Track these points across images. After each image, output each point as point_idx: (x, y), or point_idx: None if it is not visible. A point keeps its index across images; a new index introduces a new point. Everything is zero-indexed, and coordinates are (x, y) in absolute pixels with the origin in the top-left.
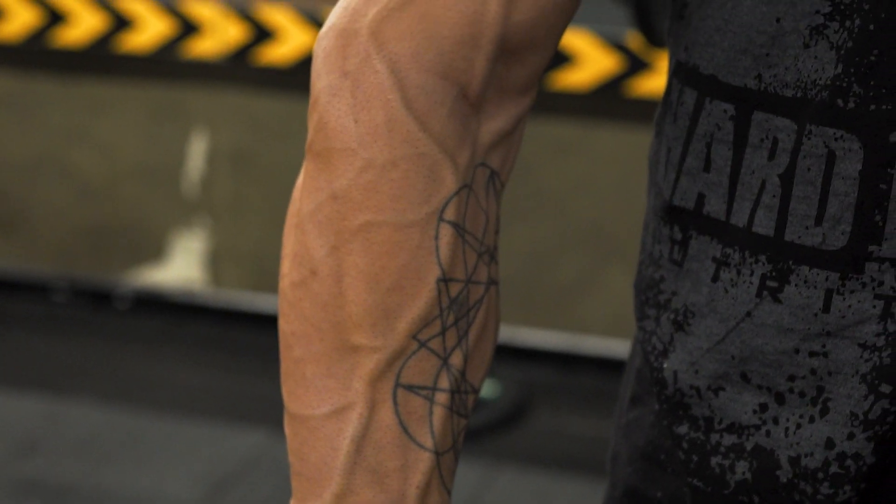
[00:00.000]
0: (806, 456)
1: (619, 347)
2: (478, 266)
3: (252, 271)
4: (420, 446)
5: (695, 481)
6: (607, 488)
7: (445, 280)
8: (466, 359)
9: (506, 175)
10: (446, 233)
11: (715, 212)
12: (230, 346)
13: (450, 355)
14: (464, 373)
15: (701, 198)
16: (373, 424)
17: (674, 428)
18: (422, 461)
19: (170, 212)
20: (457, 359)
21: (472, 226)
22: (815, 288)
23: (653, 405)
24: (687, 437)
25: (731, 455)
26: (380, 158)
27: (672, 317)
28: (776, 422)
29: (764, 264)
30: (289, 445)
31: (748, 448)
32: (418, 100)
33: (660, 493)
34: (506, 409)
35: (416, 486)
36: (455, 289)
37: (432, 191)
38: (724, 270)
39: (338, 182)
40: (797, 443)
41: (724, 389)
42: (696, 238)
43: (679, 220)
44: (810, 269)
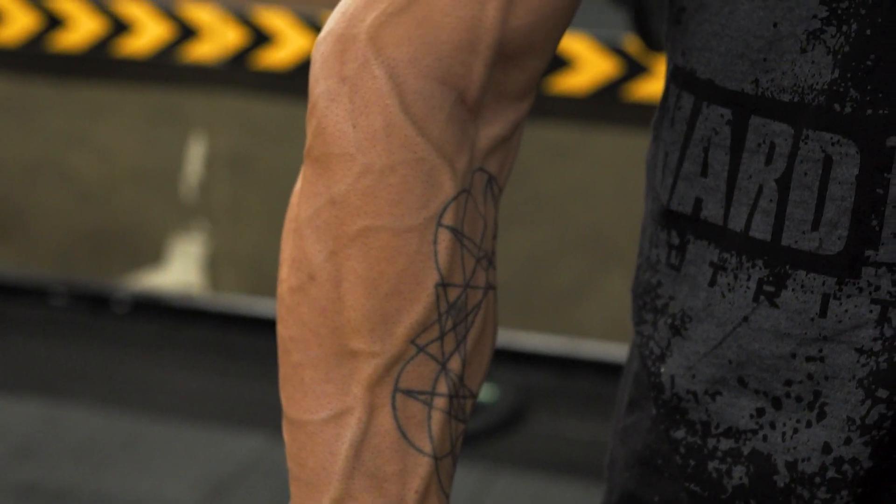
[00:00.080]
0: (803, 461)
1: (617, 351)
2: (476, 271)
3: (250, 275)
4: (419, 451)
5: (692, 486)
6: (605, 493)
7: (444, 285)
8: (465, 363)
9: (504, 180)
10: (445, 238)
11: (712, 216)
12: (228, 350)
13: (448, 360)
14: (462, 377)
15: (698, 202)
16: (371, 429)
17: (671, 432)
18: (420, 466)
19: (168, 216)
20: (455, 363)
21: (471, 231)
22: (812, 293)
23: (650, 410)
24: (684, 442)
25: (729, 460)
26: (378, 163)
27: (669, 321)
28: (773, 426)
29: (761, 269)
30: (287, 450)
31: (745, 453)
32: (416, 105)
33: (657, 498)
34: (504, 413)
35: (415, 491)
36: (453, 294)
37: (431, 196)
38: (721, 275)
39: (336, 187)
40: (794, 447)
41: (721, 394)
42: (693, 242)
43: (676, 225)
44: (807, 274)
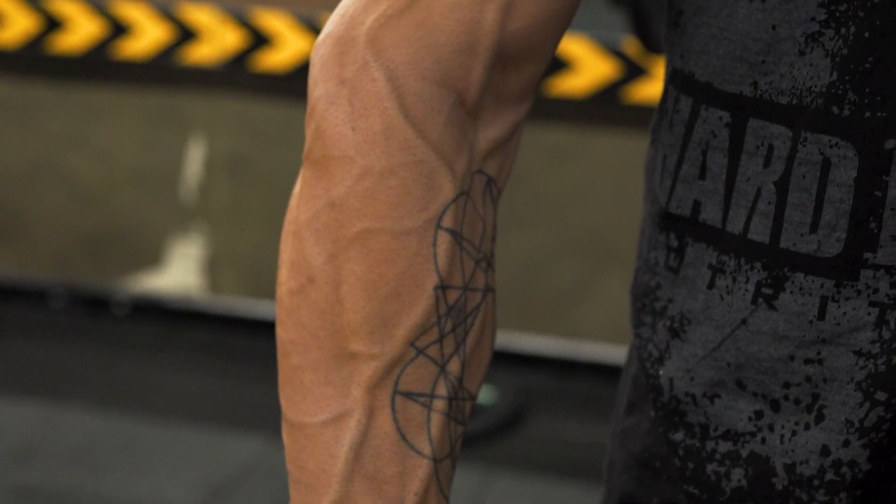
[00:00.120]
0: (801, 463)
1: (616, 354)
2: (475, 273)
3: (250, 277)
4: (418, 453)
5: (690, 488)
6: (603, 495)
7: (443, 287)
8: (464, 366)
9: (503, 182)
10: (444, 240)
11: (711, 219)
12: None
13: (447, 362)
14: (461, 380)
15: (697, 205)
16: (371, 431)
17: (669, 435)
18: (420, 468)
19: (167, 218)
20: (454, 366)
21: (470, 233)
22: (811, 295)
23: (649, 412)
24: (683, 444)
25: (727, 462)
26: (377, 166)
27: (668, 324)
28: (771, 429)
29: (759, 271)
30: (287, 453)
31: (744, 455)
32: (416, 107)
33: (656, 500)
34: (503, 415)
35: (414, 493)
36: (453, 296)
37: (430, 198)
38: (719, 277)
39: (335, 190)
40: (792, 450)
41: (719, 396)
42: (692, 245)
43: (675, 228)
44: (805, 277)
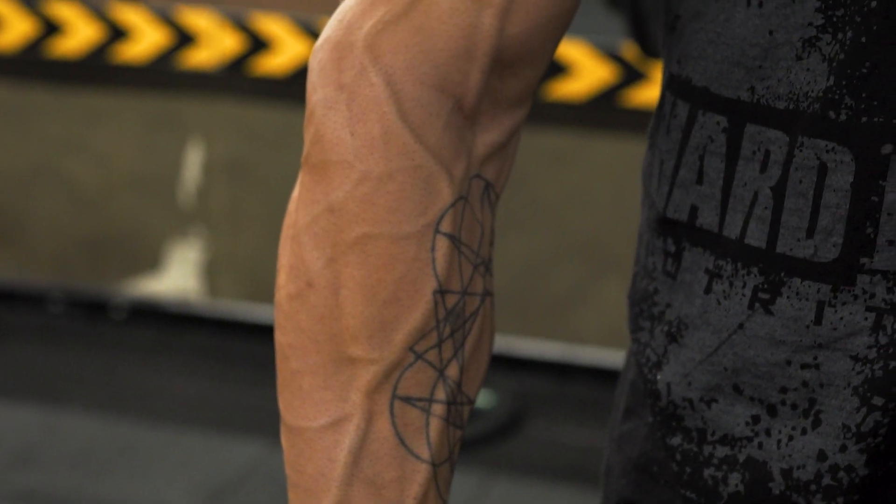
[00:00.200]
0: (798, 468)
1: (614, 358)
2: (473, 277)
3: (248, 282)
4: (417, 457)
5: (688, 493)
6: (601, 500)
7: (442, 292)
8: (462, 370)
9: (501, 187)
10: (442, 245)
11: (708, 224)
12: (226, 356)
13: (446, 367)
14: (460, 384)
15: (694, 210)
16: (370, 436)
17: (667, 440)
18: (419, 472)
19: (166, 222)
20: (453, 370)
21: (468, 237)
22: (807, 300)
23: (646, 417)
24: (680, 449)
25: (724, 467)
26: (376, 171)
27: (666, 329)
28: (768, 434)
29: (756, 276)
30: (285, 457)
31: (741, 460)
32: (414, 112)
33: None
34: (501, 419)
35: (413, 498)
36: (451, 300)
37: (428, 203)
38: (716, 282)
39: (334, 194)
40: (789, 455)
41: (716, 401)
42: (689, 250)
43: (672, 233)
44: (802, 282)
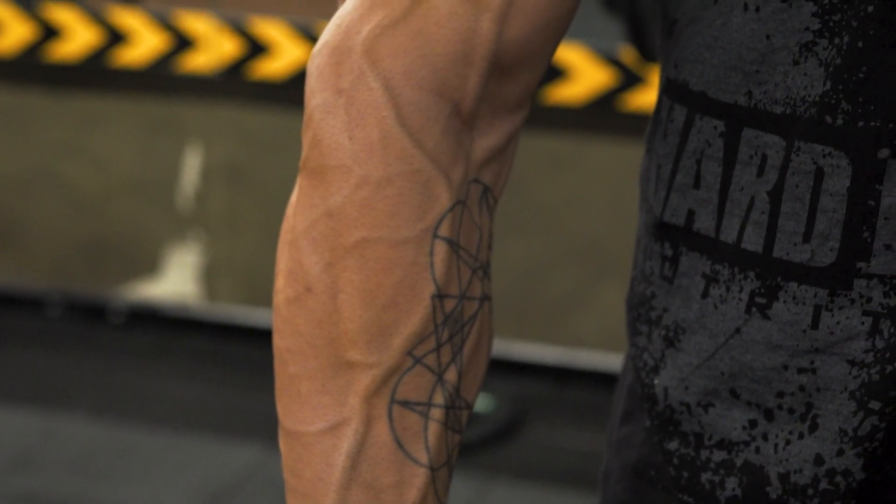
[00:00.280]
0: (795, 472)
1: (613, 362)
2: (472, 282)
3: (246, 285)
4: (415, 462)
5: (685, 497)
6: None
7: (440, 296)
8: (461, 374)
9: (499, 191)
10: (441, 249)
11: (705, 228)
12: (225, 360)
13: (444, 371)
14: (458, 388)
15: (691, 214)
16: (368, 440)
17: (664, 444)
18: (417, 477)
19: (164, 226)
20: (451, 374)
21: (466, 242)
22: (804, 304)
23: (644, 421)
24: (677, 454)
25: (721, 471)
26: (374, 175)
27: (663, 333)
28: (765, 438)
29: (753, 280)
30: (283, 462)
31: (738, 464)
32: (412, 117)
33: None
34: (500, 423)
35: (412, 502)
36: (449, 305)
37: (427, 207)
38: (713, 287)
39: (332, 199)
40: (786, 459)
41: (713, 405)
42: (686, 254)
43: (669, 237)
44: (799, 286)
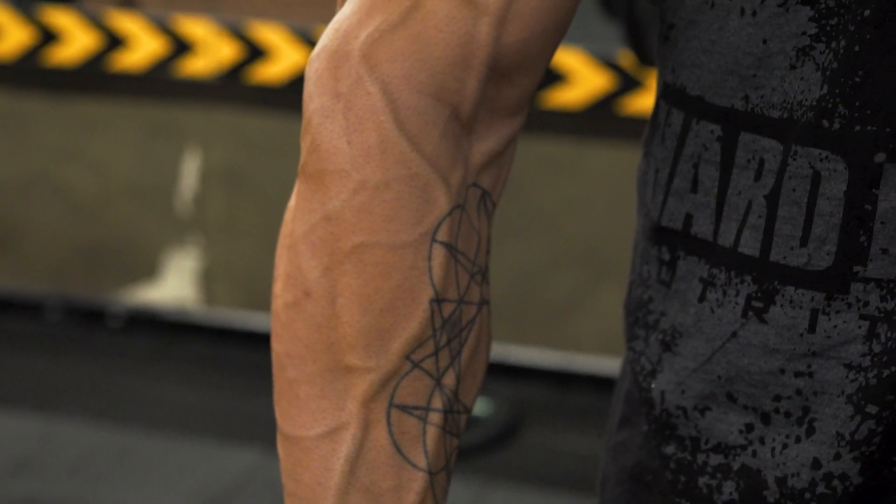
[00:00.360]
0: (792, 476)
1: (611, 366)
2: (470, 286)
3: (245, 290)
4: (414, 466)
5: (682, 502)
6: None
7: (438, 300)
8: (459, 379)
9: (497, 195)
10: (439, 253)
11: (702, 232)
12: (223, 364)
13: (443, 375)
14: (456, 393)
15: (688, 218)
16: (367, 445)
17: (661, 448)
18: (415, 481)
19: (163, 230)
20: (450, 379)
21: (465, 246)
22: (801, 308)
23: (641, 426)
24: (674, 458)
25: (718, 475)
26: (373, 180)
27: (660, 337)
28: (762, 442)
29: (749, 284)
30: (282, 466)
31: (735, 468)
32: (411, 121)
33: None
34: (498, 427)
35: None
36: (448, 309)
37: (425, 211)
38: (710, 291)
39: (331, 203)
40: (784, 463)
41: (710, 409)
42: (683, 258)
43: (667, 241)
44: (796, 290)
